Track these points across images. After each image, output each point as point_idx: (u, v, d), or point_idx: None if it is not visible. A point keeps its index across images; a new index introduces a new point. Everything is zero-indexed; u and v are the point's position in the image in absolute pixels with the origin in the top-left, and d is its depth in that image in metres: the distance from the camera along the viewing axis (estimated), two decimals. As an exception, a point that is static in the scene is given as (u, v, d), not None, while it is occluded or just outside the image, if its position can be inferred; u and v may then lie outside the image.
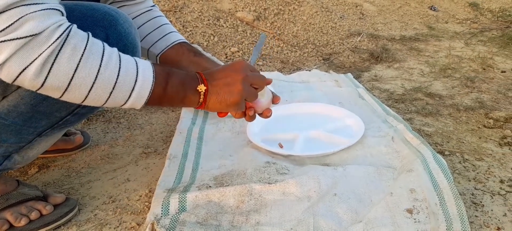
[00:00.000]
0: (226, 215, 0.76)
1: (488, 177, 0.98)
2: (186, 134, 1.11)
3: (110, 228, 0.80)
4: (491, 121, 1.30)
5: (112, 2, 0.93)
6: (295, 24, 2.41)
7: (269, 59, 1.98)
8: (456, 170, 1.01)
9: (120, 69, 0.60)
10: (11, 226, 0.77)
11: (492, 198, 0.90)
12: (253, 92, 0.75)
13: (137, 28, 0.94)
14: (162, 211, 0.77)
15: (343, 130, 1.13)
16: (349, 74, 1.70)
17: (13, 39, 0.50)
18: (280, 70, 1.86)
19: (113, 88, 0.60)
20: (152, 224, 0.73)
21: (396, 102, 1.48)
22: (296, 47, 2.17)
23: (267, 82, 0.80)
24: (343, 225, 0.74)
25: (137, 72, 0.62)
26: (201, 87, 0.70)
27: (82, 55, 0.56)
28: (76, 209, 0.84)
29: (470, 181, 0.96)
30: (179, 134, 1.11)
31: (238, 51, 1.97)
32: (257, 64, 1.90)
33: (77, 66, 0.56)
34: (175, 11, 2.14)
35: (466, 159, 1.06)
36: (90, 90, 0.58)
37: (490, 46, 2.34)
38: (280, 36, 2.25)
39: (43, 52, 0.53)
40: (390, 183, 0.87)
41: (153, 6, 0.97)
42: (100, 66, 0.58)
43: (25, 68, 0.53)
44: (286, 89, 1.47)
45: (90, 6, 0.70)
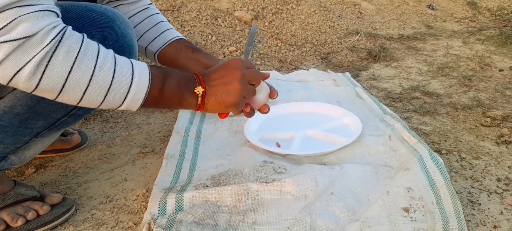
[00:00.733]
0: (223, 214, 0.77)
1: (485, 176, 0.98)
2: (184, 134, 1.11)
3: (107, 228, 0.80)
4: (488, 119, 1.30)
5: (109, 2, 0.93)
6: (293, 23, 2.41)
7: (267, 59, 1.98)
8: (453, 168, 1.01)
9: (115, 71, 0.60)
10: (8, 226, 0.77)
11: (489, 196, 0.90)
12: (252, 89, 0.74)
13: (134, 27, 0.93)
14: (159, 210, 0.77)
15: (340, 129, 1.13)
16: (347, 73, 1.70)
17: (7, 41, 0.50)
18: (278, 69, 1.86)
19: (107, 91, 0.60)
20: (149, 224, 0.73)
21: (394, 101, 1.48)
22: (294, 46, 2.17)
23: (264, 77, 0.79)
24: (340, 224, 0.75)
25: (133, 74, 0.62)
26: (199, 89, 0.69)
27: (76, 57, 0.56)
28: (73, 209, 0.84)
29: (467, 179, 0.96)
30: (176, 134, 1.11)
31: (236, 51, 1.97)
32: (255, 64, 1.90)
33: (71, 68, 0.55)
34: (173, 11, 2.13)
35: (463, 158, 1.07)
36: (84, 92, 0.58)
37: (488, 45, 2.34)
38: (278, 35, 2.25)
39: (37, 54, 0.52)
40: (387, 182, 0.87)
41: (149, 4, 0.97)
42: (94, 68, 0.57)
43: (19, 70, 0.52)
44: (284, 89, 1.47)
45: (87, 7, 0.70)
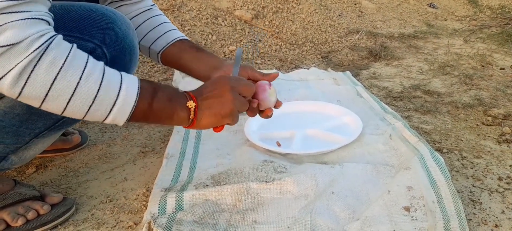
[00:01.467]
0: (223, 214, 0.76)
1: (486, 175, 0.98)
2: (184, 133, 1.10)
3: (107, 227, 0.80)
4: (489, 118, 1.30)
5: (111, 2, 0.93)
6: (293, 22, 2.40)
7: (268, 58, 1.98)
8: (454, 167, 1.01)
9: (101, 83, 0.59)
10: (8, 226, 0.77)
11: (490, 195, 0.90)
12: (243, 101, 0.74)
13: (137, 27, 0.93)
14: (159, 210, 0.76)
15: (341, 128, 1.13)
16: (348, 72, 1.70)
17: None
18: (278, 68, 1.85)
19: (92, 102, 0.59)
20: (149, 223, 0.73)
21: (394, 100, 1.48)
22: (295, 46, 2.17)
23: (274, 77, 0.82)
24: (340, 223, 0.74)
25: (120, 87, 0.61)
26: (191, 104, 0.68)
27: (62, 67, 0.55)
28: (73, 209, 0.84)
29: (468, 178, 0.96)
30: (176, 133, 1.10)
31: (236, 50, 1.97)
32: (256, 63, 1.90)
33: (55, 77, 0.55)
34: (173, 10, 2.13)
35: (465, 157, 1.06)
36: (68, 102, 0.57)
37: (489, 44, 2.34)
38: (278, 34, 2.25)
39: (20, 62, 0.52)
40: (388, 180, 0.87)
41: (152, 5, 0.97)
42: (80, 79, 0.57)
43: (2, 77, 0.52)
44: (284, 88, 1.47)
45: (88, 7, 0.70)
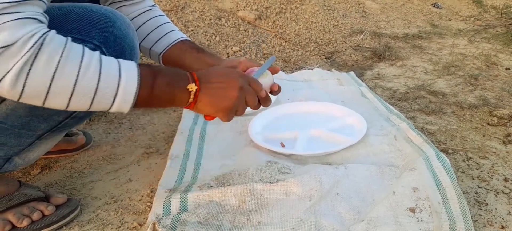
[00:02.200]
0: (228, 215, 0.76)
1: (492, 175, 0.97)
2: (188, 134, 1.11)
3: (112, 228, 0.80)
4: (495, 118, 1.29)
5: (111, 3, 0.93)
6: (297, 22, 2.40)
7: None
8: (459, 168, 1.00)
9: (100, 74, 0.59)
10: (14, 227, 0.77)
11: (496, 196, 0.89)
12: (243, 106, 0.74)
13: (137, 28, 0.93)
14: (163, 211, 0.76)
15: (345, 128, 1.13)
16: (352, 72, 1.70)
17: None
18: (282, 69, 1.85)
19: (94, 94, 0.59)
20: (154, 224, 0.73)
21: (399, 100, 1.47)
22: (298, 46, 2.17)
23: (275, 71, 0.84)
24: (345, 224, 0.74)
25: (120, 75, 0.61)
26: (192, 87, 0.68)
27: (59, 62, 0.55)
28: (78, 210, 0.84)
29: (473, 179, 0.96)
30: (180, 134, 1.11)
31: (240, 51, 1.97)
32: (260, 64, 1.90)
33: (54, 74, 0.55)
34: (176, 11, 2.14)
35: (470, 157, 1.06)
36: (70, 98, 0.58)
37: (494, 44, 2.32)
38: (282, 35, 2.25)
39: (16, 63, 0.52)
40: (393, 182, 0.86)
41: (153, 5, 0.97)
42: (78, 73, 0.57)
43: (0, 80, 0.52)
44: (288, 88, 1.47)
45: (87, 8, 0.70)
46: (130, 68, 0.63)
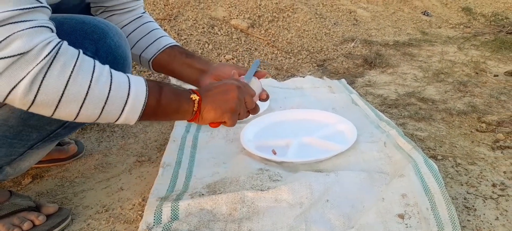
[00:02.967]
0: (219, 223, 0.77)
1: (480, 181, 0.98)
2: (180, 142, 1.11)
3: (102, 237, 0.80)
4: (483, 125, 1.31)
5: (103, 12, 0.94)
6: (289, 31, 2.42)
7: (264, 66, 1.99)
8: (448, 174, 1.02)
9: (111, 84, 0.61)
10: (4, 237, 0.77)
11: (485, 202, 0.90)
12: (244, 108, 0.77)
13: (128, 35, 0.94)
14: (154, 219, 0.77)
15: (336, 136, 1.14)
16: (343, 80, 1.71)
17: (1, 58, 0.51)
18: (274, 76, 1.86)
19: (105, 104, 0.60)
20: (145, 233, 0.73)
21: (389, 107, 1.49)
22: (290, 54, 2.19)
23: (262, 75, 0.86)
24: (335, 231, 0.75)
25: (129, 86, 0.63)
26: (194, 96, 0.72)
27: (72, 71, 0.56)
28: (68, 219, 0.84)
29: (462, 185, 0.97)
30: (173, 142, 1.11)
31: (233, 59, 1.98)
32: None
33: (67, 82, 0.56)
34: (169, 20, 2.15)
35: (459, 163, 1.07)
36: (81, 106, 0.59)
37: (483, 51, 2.36)
38: (274, 43, 2.26)
39: (31, 70, 0.53)
40: (382, 188, 0.87)
41: (143, 13, 0.98)
42: (90, 82, 0.58)
43: (14, 87, 0.53)
44: (280, 96, 1.48)
45: (80, 20, 0.71)
46: (139, 79, 0.65)
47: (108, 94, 0.60)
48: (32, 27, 0.53)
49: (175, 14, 2.21)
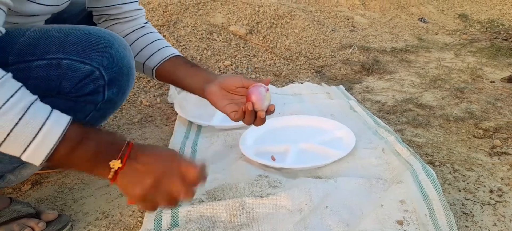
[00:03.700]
0: (218, 229, 0.77)
1: (478, 187, 0.99)
2: (179, 148, 1.11)
3: (102, 244, 0.80)
4: (480, 131, 1.32)
5: (105, 20, 0.94)
6: (287, 37, 2.44)
7: (262, 72, 2.00)
8: (446, 180, 1.02)
9: (20, 120, 0.56)
10: (3, 244, 0.77)
11: (482, 208, 0.91)
12: (166, 197, 0.62)
13: (131, 44, 0.94)
14: (154, 226, 0.77)
15: (334, 142, 1.15)
16: (341, 86, 1.73)
17: None
18: (272, 83, 1.87)
19: (4, 139, 0.56)
20: (145, 240, 0.73)
21: (387, 113, 1.50)
22: (289, 60, 2.20)
23: (266, 81, 0.82)
24: (334, 237, 0.75)
25: (41, 128, 0.57)
26: (115, 164, 0.60)
27: None
28: (68, 226, 0.84)
29: (460, 191, 0.98)
30: (172, 148, 1.11)
31: (231, 65, 1.99)
32: (250, 78, 1.92)
33: None
34: (168, 26, 2.16)
35: (456, 169, 1.08)
36: None
37: (479, 57, 2.38)
38: (272, 49, 2.28)
39: None
40: (381, 194, 0.88)
41: (146, 23, 0.99)
42: None
43: None
44: (278, 102, 1.48)
45: (86, 31, 0.71)
46: (59, 122, 0.59)
47: (10, 131, 0.55)
48: None
49: (174, 21, 2.22)
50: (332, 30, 2.71)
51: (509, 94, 1.69)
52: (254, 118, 0.82)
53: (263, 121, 0.83)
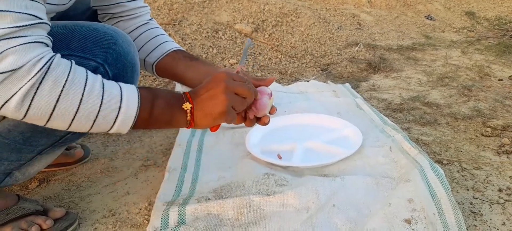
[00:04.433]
0: (225, 227, 0.77)
1: (486, 186, 0.98)
2: (186, 146, 1.11)
3: (110, 241, 0.80)
4: (488, 129, 1.31)
5: (109, 18, 0.94)
6: (293, 35, 2.43)
7: (268, 70, 1.99)
8: (454, 179, 1.02)
9: (103, 97, 0.61)
10: (12, 241, 0.77)
11: (491, 207, 0.90)
12: (239, 100, 0.72)
13: (133, 40, 0.94)
14: (161, 224, 0.77)
15: (341, 140, 1.14)
16: (347, 84, 1.72)
17: None
18: (278, 81, 1.87)
19: (96, 117, 0.61)
20: (152, 238, 0.73)
21: (394, 111, 1.49)
22: (294, 58, 2.19)
23: (270, 81, 0.83)
24: (342, 236, 0.75)
25: (121, 99, 0.63)
26: (187, 105, 0.70)
27: (64, 86, 0.57)
28: (76, 223, 0.84)
29: (468, 190, 0.97)
30: (178, 146, 1.11)
31: (237, 63, 1.98)
32: (256, 75, 1.91)
33: (59, 97, 0.57)
34: (174, 24, 2.16)
35: (465, 168, 1.07)
36: (72, 120, 0.60)
37: (487, 55, 2.36)
38: (278, 47, 2.27)
39: (23, 86, 0.54)
40: (388, 193, 0.87)
41: (149, 19, 0.98)
42: (82, 96, 0.59)
43: (6, 102, 0.54)
44: (284, 100, 1.48)
45: (90, 27, 0.71)
46: (131, 91, 0.65)
47: (100, 108, 0.61)
48: (25, 43, 0.54)
49: (180, 19, 2.22)
50: (338, 28, 2.70)
51: (517, 92, 1.68)
52: (255, 121, 0.82)
53: (266, 124, 0.83)
